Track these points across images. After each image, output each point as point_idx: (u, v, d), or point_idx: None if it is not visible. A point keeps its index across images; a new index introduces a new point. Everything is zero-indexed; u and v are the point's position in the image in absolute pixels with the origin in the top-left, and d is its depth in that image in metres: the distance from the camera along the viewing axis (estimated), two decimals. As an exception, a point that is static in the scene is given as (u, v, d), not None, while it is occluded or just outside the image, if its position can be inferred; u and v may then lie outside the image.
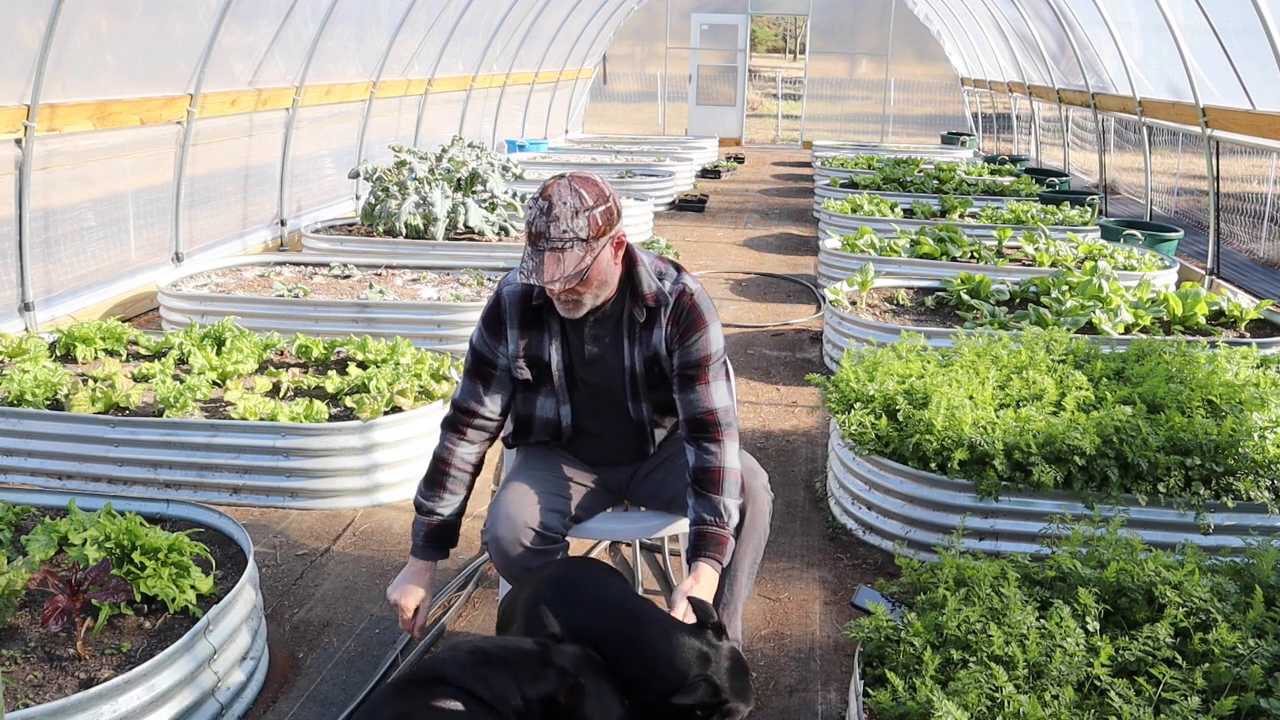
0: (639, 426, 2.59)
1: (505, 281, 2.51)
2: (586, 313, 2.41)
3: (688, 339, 2.43)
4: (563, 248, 2.21)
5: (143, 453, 3.73)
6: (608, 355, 2.48)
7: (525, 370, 2.50)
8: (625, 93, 19.45)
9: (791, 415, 4.91)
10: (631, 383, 2.50)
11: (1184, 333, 5.37)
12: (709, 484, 2.40)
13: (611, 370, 2.49)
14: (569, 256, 2.22)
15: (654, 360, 2.47)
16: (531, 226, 2.23)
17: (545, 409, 2.57)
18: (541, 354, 2.48)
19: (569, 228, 2.21)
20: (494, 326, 2.50)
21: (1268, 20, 5.85)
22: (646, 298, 2.41)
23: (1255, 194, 8.86)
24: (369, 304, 5.48)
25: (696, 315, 2.44)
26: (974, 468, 3.31)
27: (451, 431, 2.56)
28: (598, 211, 2.24)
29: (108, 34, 5.97)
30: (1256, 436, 3.28)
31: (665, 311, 2.43)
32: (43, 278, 5.69)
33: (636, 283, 2.42)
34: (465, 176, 8.02)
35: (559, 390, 2.52)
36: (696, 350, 2.43)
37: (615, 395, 2.53)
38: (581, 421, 2.59)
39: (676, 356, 2.44)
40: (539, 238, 2.22)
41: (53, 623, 2.32)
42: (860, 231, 7.49)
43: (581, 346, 2.47)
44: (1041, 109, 13.78)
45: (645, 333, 2.44)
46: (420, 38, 10.16)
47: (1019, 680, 2.11)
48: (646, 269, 2.43)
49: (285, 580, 3.28)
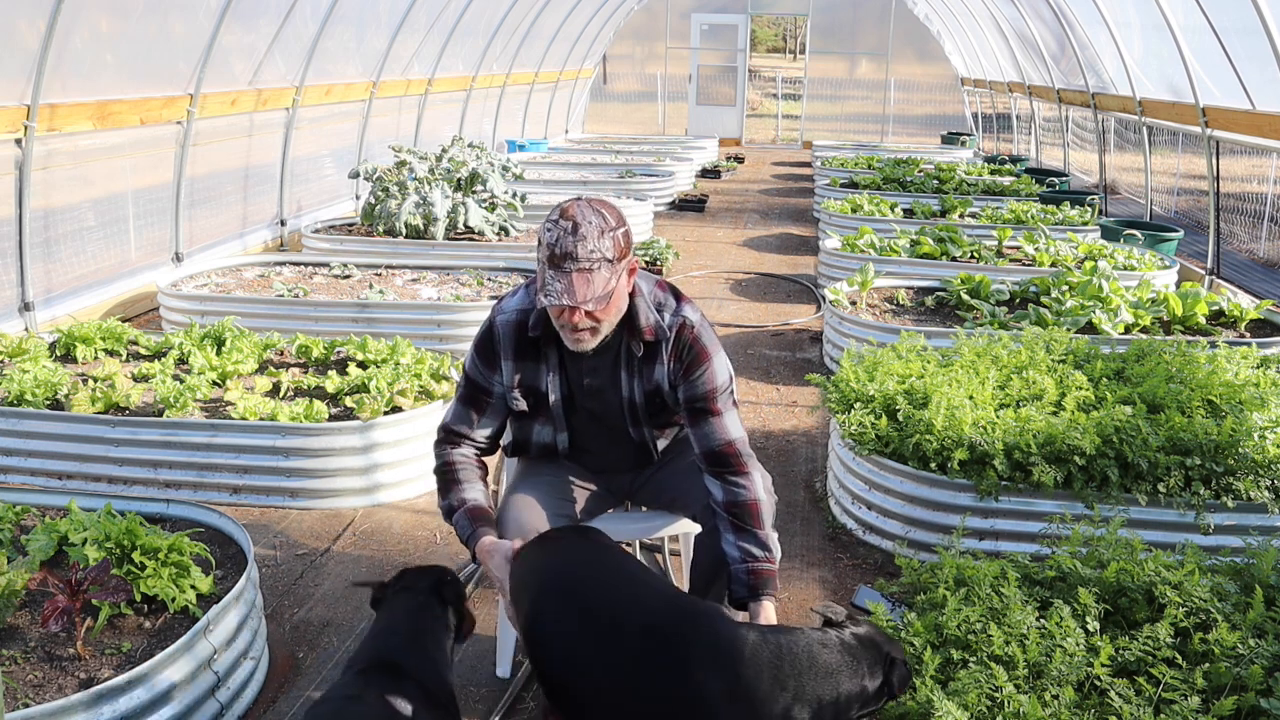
0: (640, 445, 2.57)
1: (498, 310, 2.43)
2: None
3: (692, 374, 2.36)
4: (591, 268, 2.13)
5: (143, 453, 3.73)
6: (606, 388, 2.42)
7: (521, 402, 2.45)
8: (625, 93, 19.45)
9: (791, 415, 4.91)
10: (631, 412, 2.46)
11: (1184, 333, 5.37)
12: (748, 518, 2.33)
13: (610, 402, 2.45)
14: (597, 278, 2.14)
15: (655, 393, 2.42)
16: (556, 247, 2.12)
17: (542, 435, 2.53)
18: (539, 385, 2.42)
19: (596, 248, 2.12)
20: (487, 356, 2.42)
21: (1268, 20, 5.85)
22: (644, 331, 2.33)
23: (1255, 194, 8.86)
24: (369, 304, 5.48)
25: (699, 349, 2.36)
26: (974, 468, 3.31)
27: (444, 444, 2.52)
28: (620, 233, 2.18)
29: (108, 34, 5.97)
30: (1256, 436, 3.28)
31: (666, 347, 2.35)
32: (43, 278, 5.69)
33: (634, 314, 2.32)
34: (465, 176, 8.02)
35: (556, 419, 2.48)
36: (703, 384, 2.36)
37: (614, 422, 2.50)
38: (582, 443, 2.57)
39: (682, 391, 2.38)
40: (565, 258, 2.11)
41: (53, 623, 2.32)
42: (860, 231, 7.49)
43: (580, 378, 2.42)
44: (1041, 109, 13.78)
45: (645, 366, 2.38)
46: (420, 38, 10.16)
47: (1019, 680, 2.11)
48: (645, 300, 2.35)
49: (285, 580, 3.28)
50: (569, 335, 2.26)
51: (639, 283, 2.35)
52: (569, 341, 2.28)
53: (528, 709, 2.66)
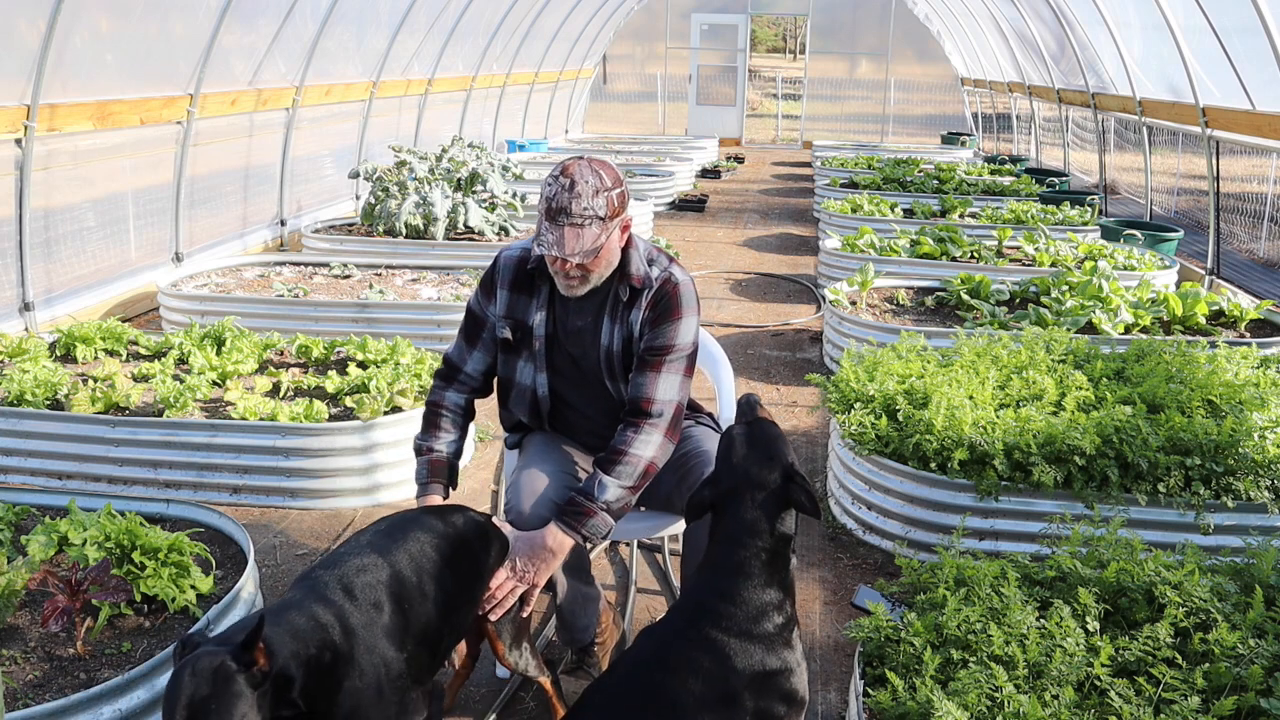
0: (617, 408, 2.59)
1: (504, 249, 2.61)
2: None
3: (659, 324, 2.46)
4: (582, 224, 2.29)
5: (143, 453, 3.73)
6: (588, 330, 2.52)
7: (507, 330, 2.56)
8: (625, 93, 19.45)
9: (791, 415, 4.91)
10: (608, 361, 2.53)
11: (1184, 333, 5.37)
12: (603, 462, 2.39)
13: (590, 347, 2.54)
14: (587, 233, 2.29)
15: (629, 341, 2.51)
16: (552, 202, 2.29)
17: (524, 375, 2.60)
18: (527, 318, 2.55)
19: (589, 205, 2.28)
20: (488, 287, 2.59)
21: (1268, 20, 5.85)
22: (633, 278, 2.46)
23: (1255, 194, 8.86)
24: (369, 304, 5.48)
25: (674, 304, 2.46)
26: (974, 468, 3.31)
27: (440, 380, 2.67)
28: (614, 194, 2.33)
29: (108, 34, 5.97)
30: (1256, 436, 3.28)
31: (647, 295, 2.47)
32: (43, 278, 5.69)
33: (627, 263, 2.47)
34: (465, 176, 8.02)
35: (538, 356, 2.56)
36: (662, 337, 2.45)
37: (593, 371, 2.57)
38: (562, 392, 2.61)
39: (644, 340, 2.47)
40: (560, 213, 2.28)
41: (53, 623, 2.32)
42: (860, 231, 7.49)
43: (567, 318, 2.53)
44: (1041, 109, 13.78)
45: (626, 312, 2.49)
46: (420, 38, 10.16)
47: (1019, 680, 2.11)
48: (639, 253, 2.50)
49: (285, 580, 3.28)
50: (561, 280, 2.43)
51: (637, 239, 2.51)
52: (561, 286, 2.44)
53: (527, 709, 2.66)
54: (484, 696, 2.69)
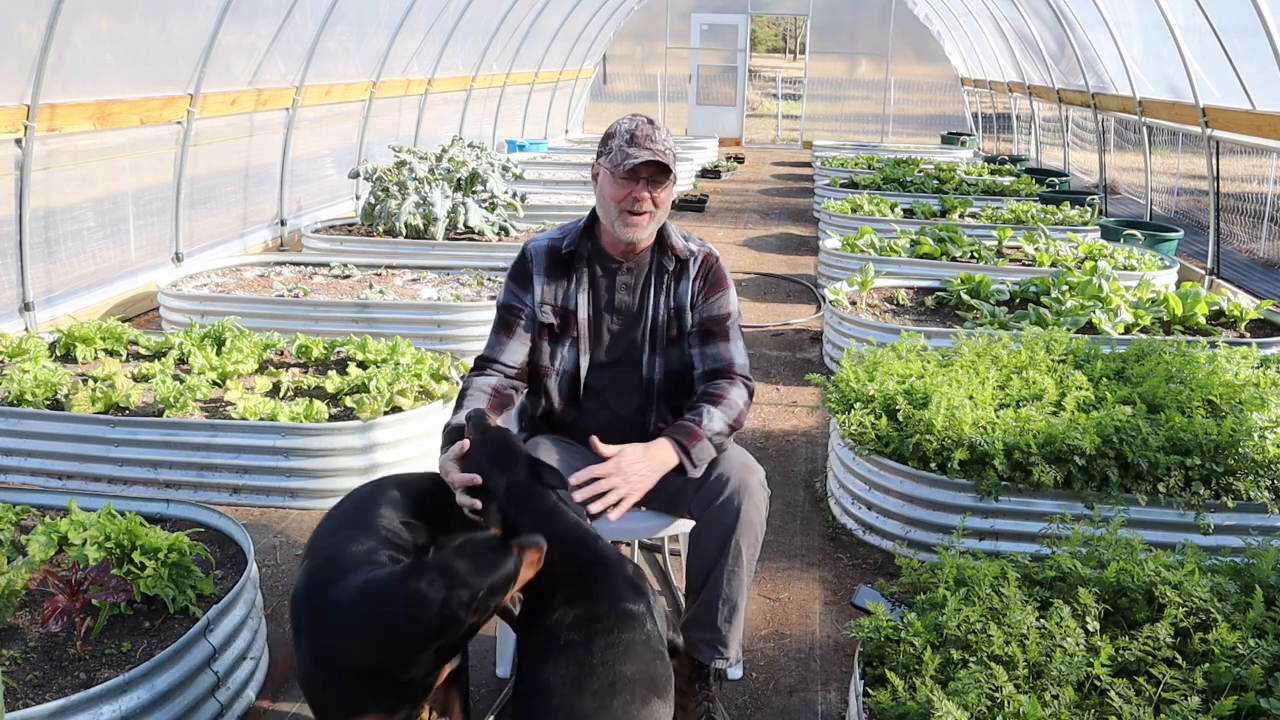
0: (646, 388, 2.63)
1: (530, 241, 2.65)
2: (620, 261, 2.58)
3: (712, 295, 2.60)
4: (665, 152, 2.42)
5: (143, 453, 3.73)
6: (633, 304, 2.61)
7: (550, 315, 2.59)
8: (625, 93, 19.44)
9: (791, 415, 4.91)
10: (653, 333, 2.60)
11: (1184, 333, 5.37)
12: (706, 397, 2.50)
13: (634, 320, 2.60)
14: (669, 160, 2.42)
15: (678, 313, 2.59)
16: (636, 132, 2.42)
17: (564, 360, 2.62)
18: (569, 303, 2.59)
19: (666, 143, 2.44)
20: (521, 278, 2.62)
21: (1268, 20, 5.85)
22: (676, 249, 2.59)
23: (1255, 194, 8.85)
24: (369, 304, 5.48)
25: (720, 276, 2.63)
26: (974, 468, 3.31)
27: (473, 371, 2.64)
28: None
29: (108, 34, 5.97)
30: (1256, 436, 3.28)
31: (694, 265, 2.60)
32: (43, 278, 5.69)
33: (666, 236, 2.59)
34: (465, 176, 8.02)
35: (582, 339, 2.60)
36: (719, 307, 2.60)
37: (634, 346, 2.62)
38: (595, 374, 2.63)
39: (700, 311, 2.60)
40: (646, 139, 2.41)
41: (53, 623, 2.32)
42: (860, 231, 7.49)
43: (612, 295, 2.60)
44: (1041, 109, 13.78)
45: (674, 283, 2.60)
46: (420, 38, 10.16)
47: (1019, 680, 2.11)
48: (674, 228, 2.63)
49: (285, 580, 3.28)
50: (626, 220, 2.46)
51: (666, 220, 2.61)
52: (624, 230, 2.47)
53: (528, 709, 2.65)
54: (484, 697, 2.69)
